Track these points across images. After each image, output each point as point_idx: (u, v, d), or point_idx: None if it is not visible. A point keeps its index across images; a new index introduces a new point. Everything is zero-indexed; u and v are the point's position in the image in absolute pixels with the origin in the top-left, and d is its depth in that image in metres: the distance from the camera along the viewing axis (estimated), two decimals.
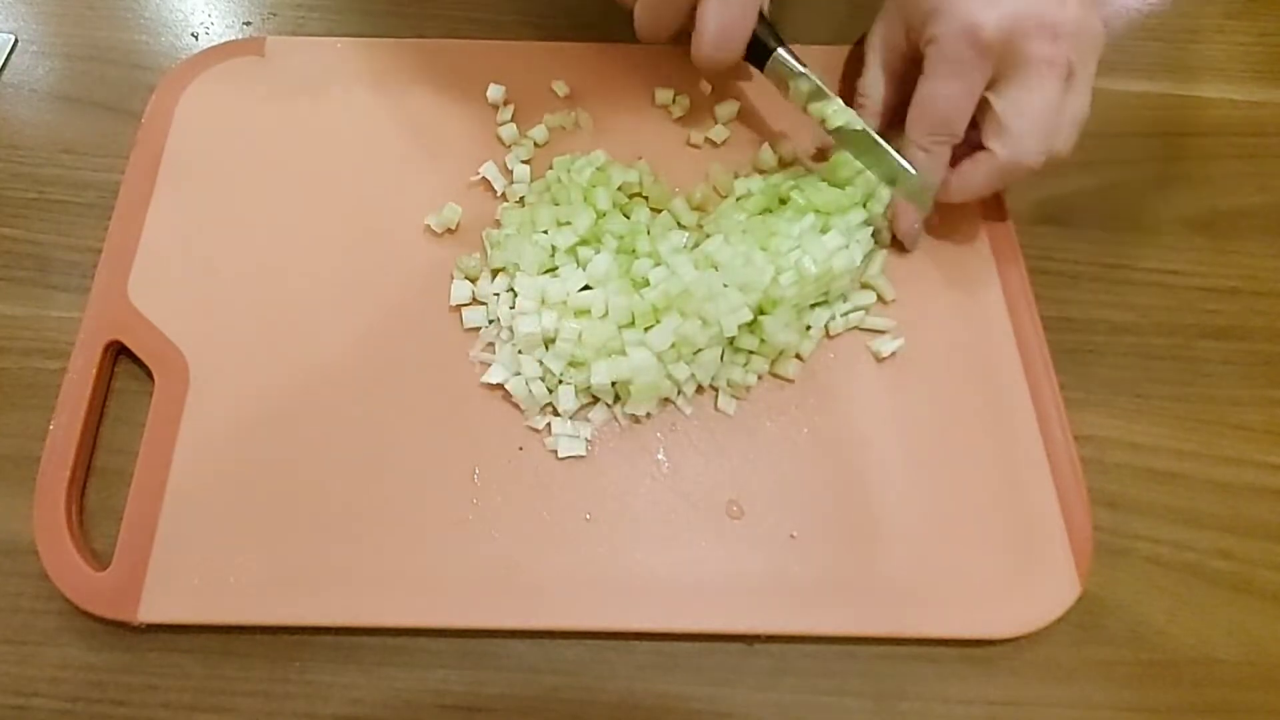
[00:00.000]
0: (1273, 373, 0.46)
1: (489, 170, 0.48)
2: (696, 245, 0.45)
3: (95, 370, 0.42)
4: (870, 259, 0.46)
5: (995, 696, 0.39)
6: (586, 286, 0.43)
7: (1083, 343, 0.47)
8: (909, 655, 0.39)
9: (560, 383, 0.42)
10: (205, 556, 0.39)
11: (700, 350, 0.42)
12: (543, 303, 0.43)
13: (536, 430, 0.42)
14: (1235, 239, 0.50)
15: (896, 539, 0.40)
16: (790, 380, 0.44)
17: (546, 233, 0.45)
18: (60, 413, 0.41)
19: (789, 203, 0.46)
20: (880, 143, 0.45)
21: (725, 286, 0.42)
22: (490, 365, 0.43)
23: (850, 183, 0.46)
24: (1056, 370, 0.44)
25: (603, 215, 0.45)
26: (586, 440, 0.42)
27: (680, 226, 0.47)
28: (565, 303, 0.43)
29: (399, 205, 0.47)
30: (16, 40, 0.55)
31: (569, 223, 0.45)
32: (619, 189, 0.47)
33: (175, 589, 0.38)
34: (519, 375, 0.42)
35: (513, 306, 0.44)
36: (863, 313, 0.45)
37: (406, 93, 0.51)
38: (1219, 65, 0.56)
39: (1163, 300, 0.48)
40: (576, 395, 0.42)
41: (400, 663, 0.39)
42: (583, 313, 0.43)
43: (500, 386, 0.43)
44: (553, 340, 0.42)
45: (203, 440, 0.41)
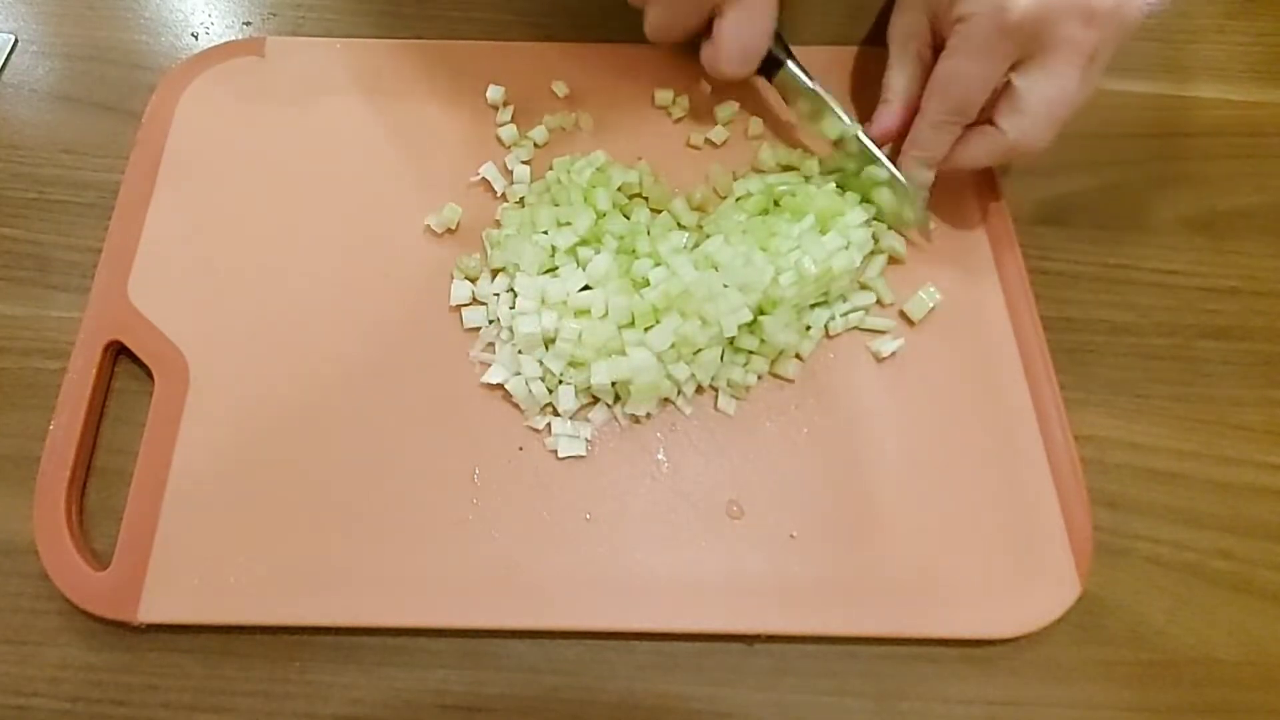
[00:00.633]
0: (1273, 373, 0.46)
1: (489, 171, 0.48)
2: (696, 245, 0.45)
3: (95, 370, 0.42)
4: (870, 260, 0.46)
5: (995, 696, 0.39)
6: (586, 286, 0.43)
7: (1083, 343, 0.47)
8: (909, 655, 0.39)
9: (560, 383, 0.42)
10: (205, 556, 0.39)
11: (700, 350, 0.42)
12: (543, 303, 0.43)
13: (536, 430, 0.42)
14: (1234, 239, 0.50)
15: (896, 539, 0.40)
16: (790, 380, 0.44)
17: (546, 233, 0.45)
18: (60, 413, 0.41)
19: (782, 203, 0.46)
20: (880, 157, 0.45)
21: (725, 287, 0.42)
22: (490, 365, 0.43)
23: (848, 188, 0.47)
24: (1056, 370, 0.44)
25: (603, 216, 0.45)
26: (586, 440, 0.42)
27: (680, 227, 0.47)
28: (565, 303, 0.43)
29: (399, 205, 0.47)
30: (16, 40, 0.54)
31: (569, 223, 0.45)
32: (619, 189, 0.47)
33: (175, 589, 0.38)
34: (519, 375, 0.42)
35: (513, 307, 0.44)
36: (862, 313, 0.45)
37: (407, 93, 0.51)
38: (1218, 65, 0.56)
39: (1163, 300, 0.48)
40: (576, 395, 0.42)
41: (400, 663, 0.39)
42: (583, 313, 0.43)
43: (500, 386, 0.43)
44: (553, 340, 0.42)
45: (202, 440, 0.41)
